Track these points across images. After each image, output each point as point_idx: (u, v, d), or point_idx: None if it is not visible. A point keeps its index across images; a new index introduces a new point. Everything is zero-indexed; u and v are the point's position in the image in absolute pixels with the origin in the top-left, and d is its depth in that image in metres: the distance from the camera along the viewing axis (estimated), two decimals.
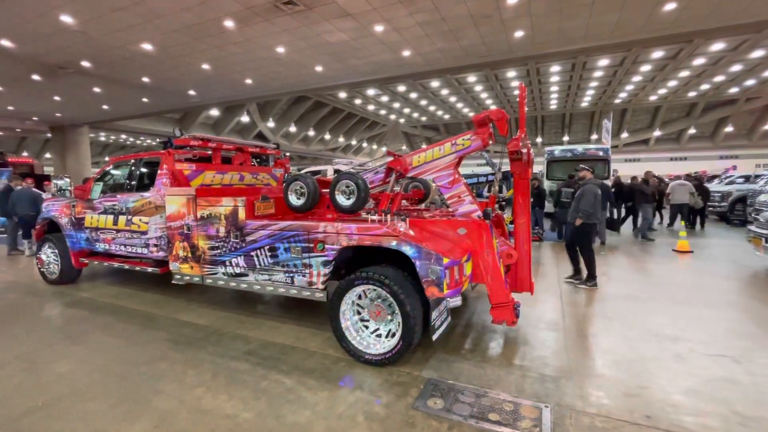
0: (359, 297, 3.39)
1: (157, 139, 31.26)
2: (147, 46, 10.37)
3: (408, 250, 3.08)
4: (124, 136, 35.79)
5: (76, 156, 22.59)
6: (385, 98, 28.00)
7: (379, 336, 3.35)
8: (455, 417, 2.49)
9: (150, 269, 4.97)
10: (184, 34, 9.73)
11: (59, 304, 5.08)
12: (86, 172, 21.83)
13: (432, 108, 31.46)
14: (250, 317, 4.44)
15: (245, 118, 27.05)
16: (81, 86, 14.29)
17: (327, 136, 35.71)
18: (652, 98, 28.85)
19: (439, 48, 10.61)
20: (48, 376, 3.12)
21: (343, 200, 3.62)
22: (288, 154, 6.33)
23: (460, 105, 30.82)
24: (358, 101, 28.52)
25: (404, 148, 44.74)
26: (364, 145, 45.22)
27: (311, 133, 33.46)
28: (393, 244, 3.14)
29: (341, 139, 38.56)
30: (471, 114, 33.91)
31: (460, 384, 2.90)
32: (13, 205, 8.05)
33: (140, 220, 4.90)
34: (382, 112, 32.65)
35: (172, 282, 4.55)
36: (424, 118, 35.75)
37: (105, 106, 18.02)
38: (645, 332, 3.85)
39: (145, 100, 16.82)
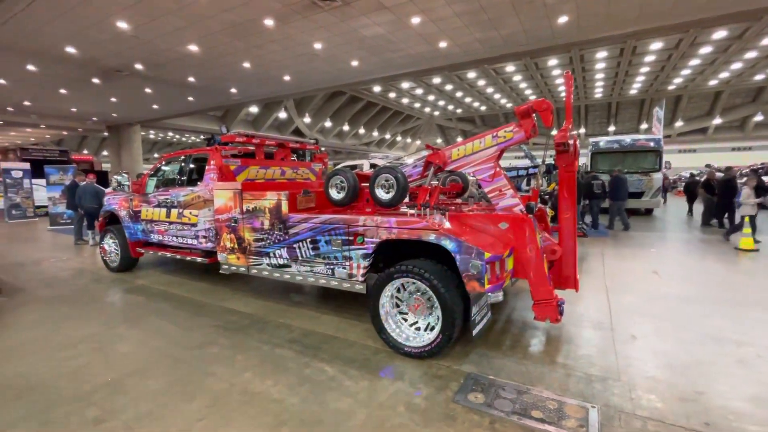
0: (398, 290, 3.42)
1: (201, 136, 32.84)
2: (192, 47, 10.88)
3: (448, 244, 3.07)
4: (170, 134, 37.97)
5: (130, 153, 24.24)
6: (419, 91, 27.73)
7: (418, 329, 3.37)
8: (496, 412, 2.47)
9: (199, 259, 5.27)
10: (227, 35, 10.11)
11: (120, 290, 5.51)
12: (139, 168, 23.38)
13: (468, 99, 30.78)
14: (291, 307, 4.60)
15: (283, 114, 27.78)
16: (134, 87, 15.27)
17: (361, 131, 35.96)
18: (712, 83, 26.56)
19: (477, 38, 10.34)
20: (113, 355, 3.41)
21: (382, 194, 3.65)
22: (323, 149, 6.44)
23: (497, 96, 29.94)
24: (392, 94, 28.45)
25: (439, 141, 44.18)
26: (398, 138, 45.10)
27: (346, 127, 33.81)
28: (433, 238, 3.13)
29: (375, 133, 38.70)
30: (509, 105, 32.86)
31: (501, 380, 2.86)
32: (79, 198, 8.79)
33: (190, 212, 5.20)
34: (417, 105, 32.37)
35: (220, 272, 4.81)
36: (459, 111, 35.08)
37: (155, 106, 19.16)
38: (701, 335, 3.61)
39: (190, 99, 17.70)
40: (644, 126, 31.84)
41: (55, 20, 9.13)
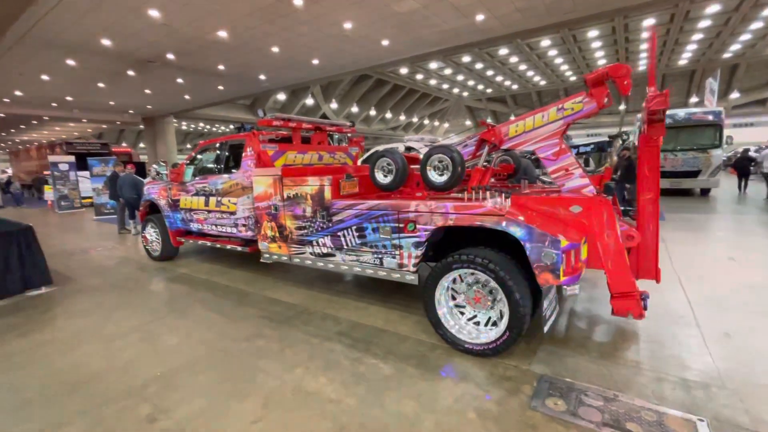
0: (454, 281, 3.13)
1: (231, 126, 33.35)
2: (222, 33, 10.77)
3: (516, 231, 2.73)
4: (201, 124, 38.85)
5: (165, 144, 24.97)
6: (448, 71, 26.78)
7: (477, 324, 3.09)
8: (584, 423, 2.16)
9: (239, 248, 5.17)
10: (256, 18, 9.90)
11: (163, 279, 5.53)
12: (173, 158, 24.06)
13: (499, 78, 29.49)
14: (336, 297, 4.42)
15: (310, 101, 27.65)
16: (167, 78, 15.48)
17: (388, 115, 35.38)
18: None
19: (518, 7, 9.60)
20: (162, 347, 3.34)
21: (435, 176, 3.32)
22: (349, 135, 6.18)
23: (530, 73, 28.50)
24: (419, 76, 27.65)
25: (468, 123, 42.93)
26: (426, 122, 44.16)
27: (372, 112, 33.35)
28: (497, 224, 2.80)
29: (402, 117, 38.00)
30: (542, 83, 31.24)
31: (581, 383, 2.54)
32: (119, 189, 8.99)
33: (229, 200, 5.08)
34: (445, 86, 31.38)
35: (260, 261, 4.68)
36: (489, 90, 33.72)
37: (186, 96, 19.46)
38: None
39: (220, 87, 17.82)
40: (693, 99, 29.42)
41: (88, 13, 9.23)
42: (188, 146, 46.16)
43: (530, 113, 3.54)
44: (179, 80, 16.02)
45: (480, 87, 32.30)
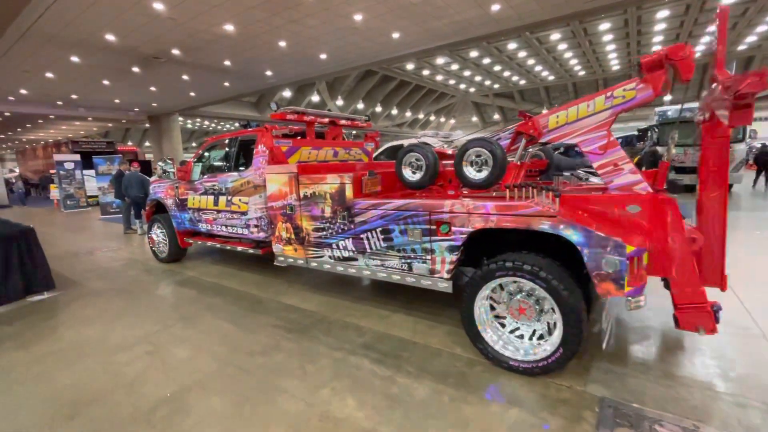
0: (493, 290, 2.81)
1: (236, 123, 33.14)
2: (228, 27, 10.46)
3: (572, 234, 2.39)
4: (206, 123, 38.67)
5: (170, 142, 24.76)
6: (455, 66, 26.33)
7: (521, 337, 2.76)
8: None
9: (251, 250, 4.87)
10: (263, 10, 9.58)
11: (171, 282, 5.25)
12: (179, 157, 23.84)
13: (506, 74, 28.97)
14: (355, 303, 4.11)
15: (315, 98, 27.32)
16: (172, 75, 15.22)
17: (394, 111, 34.97)
18: None
19: None
20: (171, 361, 3.05)
21: (472, 173, 2.99)
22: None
23: (538, 68, 27.94)
24: (426, 72, 27.24)
25: (474, 119, 42.43)
26: (432, 118, 43.67)
27: (378, 109, 32.94)
28: (547, 226, 2.47)
29: (408, 114, 37.58)
30: (551, 77, 30.64)
31: (651, 410, 2.21)
32: (125, 188, 8.73)
33: (240, 200, 4.78)
34: (452, 81, 30.92)
35: (274, 264, 4.39)
36: (497, 86, 33.20)
37: (192, 93, 19.21)
38: None
39: (226, 84, 17.53)
40: (705, 93, 28.66)
41: (91, 7, 8.95)
42: (194, 144, 46.05)
43: (572, 103, 3.19)
44: (185, 77, 15.75)
45: (487, 83, 31.81)
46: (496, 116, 40.86)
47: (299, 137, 4.90)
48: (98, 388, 2.71)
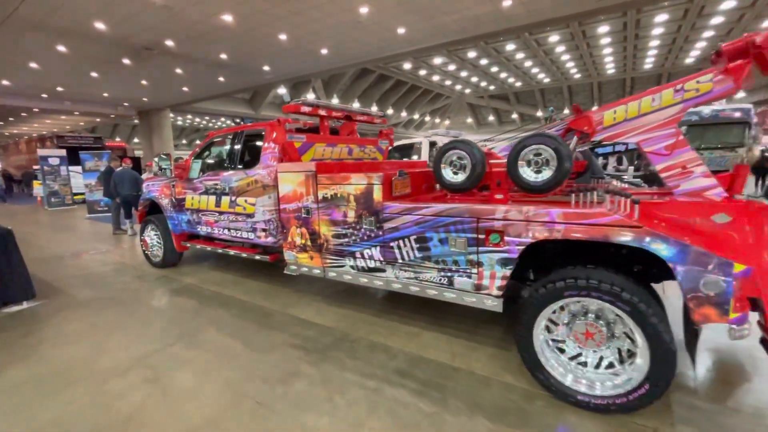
0: (553, 311, 2.43)
1: (228, 121, 32.41)
2: (227, 17, 9.94)
3: (662, 249, 2.02)
4: (198, 119, 37.76)
5: (161, 138, 23.98)
6: (452, 67, 26.10)
7: (583, 365, 2.39)
8: None
9: (258, 256, 4.43)
10: (265, 0, 9.09)
11: (167, 291, 4.76)
12: (172, 154, 23.10)
13: (503, 75, 28.86)
14: (377, 318, 3.69)
15: (311, 96, 26.80)
16: (165, 68, 14.58)
17: (389, 111, 34.59)
18: None
19: None
20: (174, 392, 2.59)
21: (530, 175, 2.59)
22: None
23: (535, 70, 27.87)
24: (422, 72, 26.95)
25: (469, 120, 42.30)
26: (426, 119, 43.41)
27: (374, 108, 32.55)
28: (637, 239, 2.08)
29: (404, 114, 37.24)
30: (546, 80, 30.59)
31: None
32: (114, 185, 8.17)
33: (246, 201, 4.32)
34: (448, 82, 30.76)
35: (285, 272, 3.95)
36: (492, 87, 33.10)
37: (185, 88, 18.53)
38: None
39: (221, 79, 16.93)
40: None
41: None
42: (184, 142, 45.02)
43: (633, 97, 2.83)
44: (178, 70, 15.11)
45: (483, 84, 31.70)
46: (491, 118, 40.86)
47: (312, 132, 4.48)
48: (87, 428, 2.25)
